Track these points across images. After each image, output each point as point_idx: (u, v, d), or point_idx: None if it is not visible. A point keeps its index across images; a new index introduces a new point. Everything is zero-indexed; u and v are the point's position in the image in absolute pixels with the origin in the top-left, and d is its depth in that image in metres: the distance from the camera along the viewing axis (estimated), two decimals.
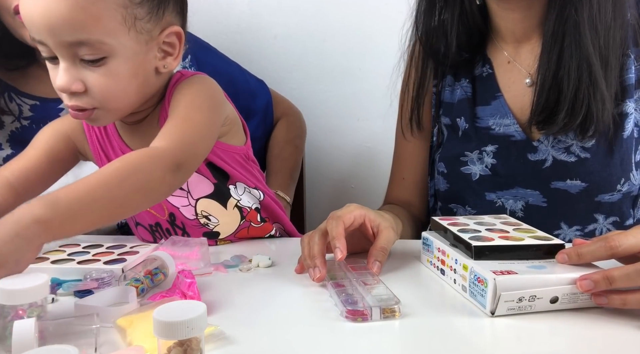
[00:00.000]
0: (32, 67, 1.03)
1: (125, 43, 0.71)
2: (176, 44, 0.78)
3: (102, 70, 0.71)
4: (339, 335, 0.57)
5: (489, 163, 0.94)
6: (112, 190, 0.61)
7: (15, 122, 1.01)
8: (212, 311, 0.62)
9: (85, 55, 0.69)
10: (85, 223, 0.59)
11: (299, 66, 1.54)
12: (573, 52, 0.82)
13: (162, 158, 0.68)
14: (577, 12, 0.81)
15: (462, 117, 0.97)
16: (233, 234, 0.92)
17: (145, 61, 0.75)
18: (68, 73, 0.70)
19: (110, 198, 0.61)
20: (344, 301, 0.61)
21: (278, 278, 0.75)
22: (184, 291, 0.63)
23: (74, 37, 0.68)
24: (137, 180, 0.64)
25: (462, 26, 0.93)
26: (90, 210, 0.59)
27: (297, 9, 1.52)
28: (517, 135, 0.91)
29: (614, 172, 0.87)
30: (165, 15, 0.76)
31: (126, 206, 0.65)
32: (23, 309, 0.54)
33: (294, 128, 1.30)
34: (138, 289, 0.65)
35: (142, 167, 0.65)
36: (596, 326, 0.57)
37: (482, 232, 0.69)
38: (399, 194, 1.06)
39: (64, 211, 0.57)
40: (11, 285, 0.53)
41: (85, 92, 0.71)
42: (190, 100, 0.77)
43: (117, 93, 0.73)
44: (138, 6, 0.72)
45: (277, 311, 0.64)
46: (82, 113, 0.73)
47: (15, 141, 1.02)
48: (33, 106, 1.02)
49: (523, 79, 0.92)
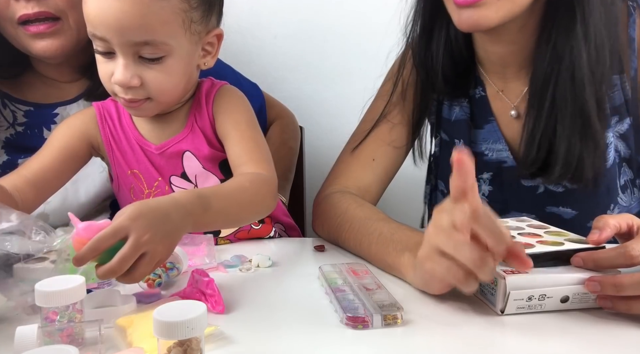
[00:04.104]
0: (26, 74, 1.02)
1: (182, 43, 0.78)
2: (216, 44, 0.85)
3: (160, 67, 0.77)
4: (339, 342, 0.55)
5: (486, 191, 0.93)
6: (241, 210, 0.76)
7: (10, 128, 1.00)
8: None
9: (147, 53, 0.75)
10: (216, 227, 0.77)
11: (299, 66, 1.53)
12: (568, 102, 0.77)
13: (272, 186, 0.81)
14: (573, 53, 0.76)
15: (461, 140, 0.95)
16: (233, 234, 0.91)
17: (193, 59, 0.82)
18: (128, 69, 0.75)
19: (237, 215, 0.76)
20: (344, 307, 0.59)
21: (278, 278, 0.74)
22: (202, 290, 0.63)
23: (142, 38, 0.74)
24: (256, 204, 0.78)
25: (447, 56, 0.89)
26: (224, 219, 0.74)
27: (297, 9, 1.51)
28: (509, 161, 0.89)
29: (602, 200, 0.85)
30: (212, 18, 0.83)
31: (244, 221, 0.81)
32: (55, 311, 0.53)
33: (287, 130, 1.30)
34: (155, 283, 0.67)
35: (261, 192, 0.79)
36: (607, 327, 0.57)
37: (516, 238, 0.66)
38: (362, 176, 0.95)
39: (210, 217, 0.70)
40: (47, 287, 0.53)
41: (141, 86, 0.77)
42: (247, 119, 0.87)
43: (170, 88, 0.80)
44: (195, 10, 0.78)
45: (277, 313, 0.63)
46: (135, 104, 0.79)
47: (11, 147, 1.00)
48: (27, 112, 1.01)
49: (509, 111, 0.90)
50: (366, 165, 0.95)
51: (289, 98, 1.38)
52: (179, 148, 0.85)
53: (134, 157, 0.87)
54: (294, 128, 1.32)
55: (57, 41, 0.91)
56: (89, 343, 0.52)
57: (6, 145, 1.00)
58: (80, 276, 0.55)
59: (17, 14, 0.88)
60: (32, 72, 1.02)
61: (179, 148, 0.85)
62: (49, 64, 0.99)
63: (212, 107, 0.86)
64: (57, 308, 0.53)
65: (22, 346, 0.49)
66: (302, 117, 1.38)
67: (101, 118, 0.88)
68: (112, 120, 0.88)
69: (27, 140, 1.00)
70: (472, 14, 0.75)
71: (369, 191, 0.94)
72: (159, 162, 0.86)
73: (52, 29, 0.90)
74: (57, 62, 0.97)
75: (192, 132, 0.85)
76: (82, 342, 0.53)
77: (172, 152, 0.85)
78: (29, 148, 0.99)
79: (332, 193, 0.92)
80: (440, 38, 0.89)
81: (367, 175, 0.95)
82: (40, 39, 0.90)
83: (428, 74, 0.92)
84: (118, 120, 0.88)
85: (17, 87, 1.02)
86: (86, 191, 1.00)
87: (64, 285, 0.53)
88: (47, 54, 0.92)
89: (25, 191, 0.78)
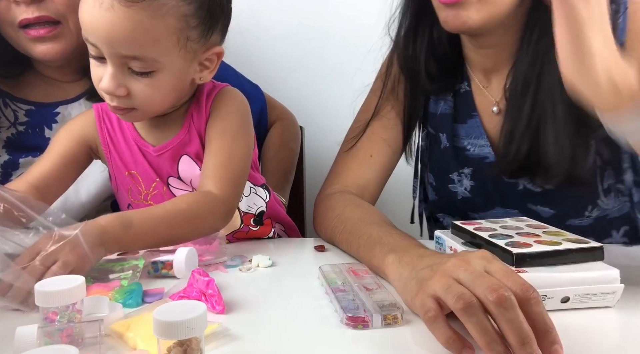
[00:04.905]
0: (27, 74, 1.02)
1: (174, 61, 0.77)
2: (214, 60, 0.83)
3: (148, 81, 0.76)
4: (339, 342, 0.55)
5: (468, 186, 0.93)
6: (172, 229, 0.75)
7: (11, 127, 1.00)
8: None
9: (135, 67, 0.74)
10: (145, 246, 0.75)
11: (299, 66, 1.53)
12: (554, 103, 0.76)
13: (219, 207, 0.79)
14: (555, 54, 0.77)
15: (445, 134, 0.95)
16: (232, 234, 0.91)
17: (186, 75, 0.80)
18: (115, 79, 0.74)
19: (169, 234, 0.75)
20: (344, 307, 0.59)
21: (278, 278, 0.74)
22: (202, 290, 0.63)
23: (130, 52, 0.73)
24: (194, 225, 0.77)
25: (431, 56, 0.90)
26: (152, 238, 0.74)
27: (297, 9, 1.51)
28: (491, 157, 0.89)
29: (579, 200, 0.86)
30: (212, 36, 0.80)
31: (179, 240, 0.77)
32: (55, 312, 0.53)
33: (288, 132, 1.30)
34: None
35: (201, 214, 0.77)
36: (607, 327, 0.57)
37: (514, 237, 0.66)
38: (360, 174, 0.95)
39: (133, 236, 0.71)
40: (48, 287, 0.53)
41: (128, 96, 0.76)
42: (236, 127, 0.85)
43: (156, 102, 0.79)
44: (193, 29, 0.76)
45: (277, 313, 0.62)
46: (120, 111, 0.79)
47: (12, 147, 1.00)
48: (28, 111, 1.01)
49: (491, 107, 0.90)
50: (364, 163, 0.95)
51: (288, 98, 1.38)
52: (176, 150, 0.85)
53: (132, 157, 0.86)
54: (294, 130, 1.33)
55: (57, 45, 0.91)
56: (89, 343, 0.52)
57: (7, 145, 1.00)
58: (80, 276, 0.55)
59: (18, 18, 0.89)
60: (33, 71, 1.02)
61: (176, 151, 0.85)
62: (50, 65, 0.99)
63: (210, 108, 0.85)
64: (57, 308, 0.53)
65: (22, 346, 0.49)
66: (302, 117, 1.38)
67: (99, 119, 0.87)
68: (111, 121, 0.87)
69: (28, 139, 1.00)
70: (457, 14, 0.76)
71: (368, 188, 0.95)
72: (157, 163, 0.86)
73: (52, 32, 0.90)
74: (58, 64, 0.97)
75: (189, 133, 0.85)
76: (82, 342, 0.52)
77: (169, 155, 0.85)
78: (30, 147, 0.99)
79: (331, 194, 0.92)
80: (424, 38, 0.89)
81: (365, 173, 0.95)
82: (41, 42, 0.90)
83: (412, 73, 0.92)
84: (117, 122, 0.87)
85: (18, 87, 1.02)
86: (87, 191, 1.00)
87: (64, 285, 0.53)
88: (47, 57, 0.92)
89: (30, 195, 0.78)
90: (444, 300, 0.51)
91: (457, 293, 0.50)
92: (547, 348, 0.48)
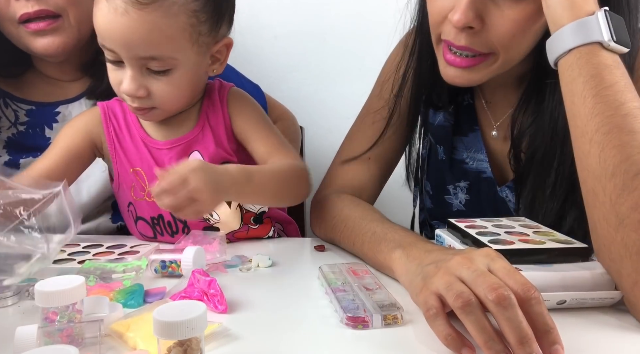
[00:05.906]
0: (27, 73, 1.02)
1: (189, 56, 0.79)
2: (224, 52, 0.86)
3: (167, 79, 0.79)
4: (338, 343, 0.55)
5: (463, 199, 0.93)
6: (278, 191, 0.82)
7: (12, 127, 1.00)
8: None
9: (154, 67, 0.77)
10: (255, 200, 0.85)
11: (299, 66, 1.53)
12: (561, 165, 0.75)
13: (307, 174, 0.87)
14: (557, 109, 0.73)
15: (442, 147, 0.94)
16: (232, 233, 0.91)
17: (201, 69, 0.83)
18: (135, 81, 0.77)
19: (275, 193, 0.82)
20: (344, 307, 0.59)
21: (278, 278, 0.74)
22: (204, 290, 0.63)
23: (148, 53, 0.76)
24: (292, 186, 0.84)
25: (418, 81, 0.89)
26: (262, 194, 0.81)
27: (297, 9, 1.52)
28: (488, 172, 0.89)
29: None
30: (221, 28, 0.83)
31: (279, 200, 0.86)
32: (55, 312, 0.53)
33: (289, 132, 1.30)
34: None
35: (297, 176, 0.84)
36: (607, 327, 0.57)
37: (501, 235, 0.66)
38: (357, 176, 0.94)
39: (252, 189, 0.77)
40: (48, 287, 0.53)
41: (148, 96, 0.79)
42: (265, 118, 0.91)
43: (176, 98, 0.82)
44: (203, 24, 0.79)
45: (276, 313, 0.63)
46: (141, 111, 0.82)
47: (12, 147, 1.01)
48: (29, 111, 1.01)
49: (492, 127, 0.89)
50: (361, 164, 0.95)
51: (288, 98, 1.37)
52: (188, 146, 0.86)
53: (138, 154, 0.87)
54: (295, 130, 1.33)
55: (57, 38, 0.92)
56: (89, 343, 0.52)
57: (8, 145, 1.00)
58: (80, 277, 0.55)
59: (18, 13, 0.89)
60: (34, 71, 1.02)
61: (188, 146, 0.86)
62: (50, 63, 0.99)
63: (227, 108, 0.88)
64: (57, 308, 0.53)
65: (22, 346, 0.49)
66: (302, 117, 1.38)
67: (105, 117, 0.88)
68: (117, 119, 0.89)
69: (29, 139, 1.00)
70: (461, 75, 0.76)
71: (365, 190, 0.94)
72: (162, 159, 0.86)
73: (52, 26, 0.90)
74: (58, 60, 0.97)
75: (203, 131, 0.86)
76: (82, 342, 0.53)
77: (180, 149, 0.86)
78: (31, 147, 0.99)
79: (328, 195, 0.92)
80: (410, 64, 0.90)
81: (362, 175, 0.95)
82: (41, 36, 0.91)
83: (421, 88, 0.92)
84: (123, 119, 0.89)
85: (18, 86, 1.02)
86: (88, 191, 1.00)
87: (64, 285, 0.53)
88: (48, 51, 0.92)
89: None
90: (445, 297, 0.52)
91: (456, 291, 0.50)
92: (548, 348, 0.48)
